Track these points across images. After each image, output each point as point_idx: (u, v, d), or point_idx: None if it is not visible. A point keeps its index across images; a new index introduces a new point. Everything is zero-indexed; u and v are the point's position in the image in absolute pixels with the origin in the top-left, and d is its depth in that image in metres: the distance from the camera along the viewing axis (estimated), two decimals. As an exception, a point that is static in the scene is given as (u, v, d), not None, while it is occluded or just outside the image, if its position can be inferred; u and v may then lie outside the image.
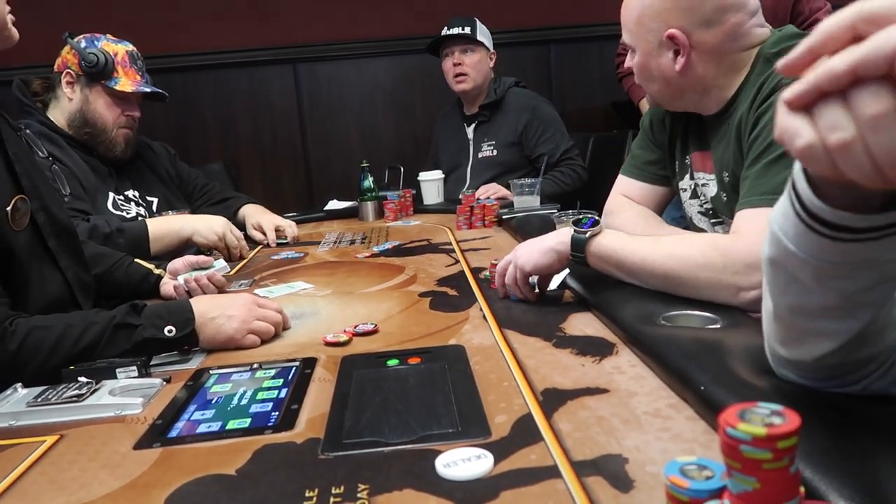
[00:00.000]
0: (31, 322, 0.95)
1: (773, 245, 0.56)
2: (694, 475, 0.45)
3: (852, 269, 0.52)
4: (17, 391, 0.87)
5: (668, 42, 1.12)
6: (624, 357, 0.86)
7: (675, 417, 0.68)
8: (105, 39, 1.84)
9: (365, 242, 1.88)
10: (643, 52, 1.16)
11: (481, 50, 2.56)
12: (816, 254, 0.52)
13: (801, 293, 0.56)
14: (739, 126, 1.09)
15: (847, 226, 0.48)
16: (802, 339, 0.60)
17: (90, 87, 1.80)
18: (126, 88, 1.82)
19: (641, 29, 1.15)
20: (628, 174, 1.44)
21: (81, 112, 1.80)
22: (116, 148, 1.86)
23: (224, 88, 3.43)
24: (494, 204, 2.02)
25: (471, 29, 2.53)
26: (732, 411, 0.41)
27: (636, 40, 1.17)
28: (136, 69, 1.86)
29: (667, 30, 1.10)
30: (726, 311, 0.92)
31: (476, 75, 2.54)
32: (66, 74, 1.80)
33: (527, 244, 1.13)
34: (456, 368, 0.86)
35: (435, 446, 0.65)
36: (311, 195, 3.51)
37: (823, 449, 0.52)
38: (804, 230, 0.51)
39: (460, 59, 2.54)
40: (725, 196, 1.18)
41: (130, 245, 1.60)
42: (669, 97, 1.21)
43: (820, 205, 0.48)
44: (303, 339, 1.05)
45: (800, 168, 0.50)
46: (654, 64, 1.16)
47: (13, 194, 1.05)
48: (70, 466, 0.69)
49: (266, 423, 0.75)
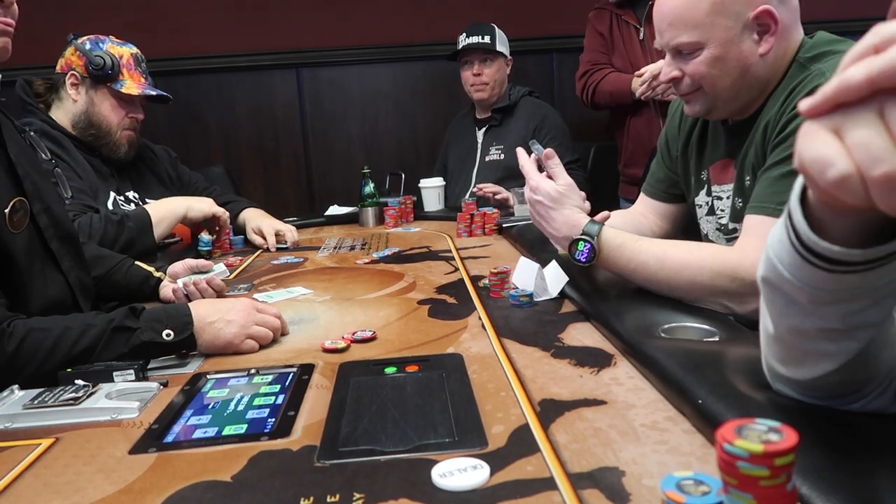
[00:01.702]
0: (28, 324, 0.94)
1: (769, 269, 0.56)
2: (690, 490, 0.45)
3: (848, 296, 0.51)
4: (13, 393, 0.87)
5: (754, 23, 1.06)
6: (622, 368, 0.86)
7: (672, 430, 0.68)
8: (110, 42, 1.85)
9: (365, 248, 1.88)
10: (721, 42, 1.07)
11: (500, 59, 2.57)
12: (811, 283, 0.51)
13: (799, 315, 0.56)
14: (766, 129, 1.08)
15: (844, 260, 0.48)
16: (802, 360, 0.60)
17: (95, 89, 1.81)
18: (132, 91, 1.83)
19: (718, 17, 1.06)
20: (645, 191, 1.47)
21: (86, 114, 1.81)
22: (120, 150, 1.87)
23: (227, 92, 3.43)
24: (495, 212, 2.02)
25: (490, 38, 2.53)
26: (730, 427, 0.41)
27: (710, 32, 1.07)
28: (140, 72, 1.87)
29: (756, 8, 1.05)
30: (724, 324, 0.92)
31: (494, 84, 2.57)
32: (70, 76, 1.80)
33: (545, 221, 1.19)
34: (454, 377, 0.86)
35: (431, 456, 0.65)
36: (312, 200, 3.51)
37: (821, 465, 0.52)
38: (800, 261, 0.50)
39: (480, 69, 2.55)
40: (741, 203, 1.17)
41: (137, 229, 1.65)
42: (733, 95, 1.12)
43: (816, 240, 0.48)
44: (301, 345, 1.05)
45: (797, 198, 0.49)
46: (734, 53, 1.08)
47: (12, 196, 1.05)
48: (65, 470, 0.69)
49: (262, 429, 0.75)
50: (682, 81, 1.14)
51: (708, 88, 1.12)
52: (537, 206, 1.17)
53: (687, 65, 1.12)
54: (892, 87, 0.37)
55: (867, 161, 0.38)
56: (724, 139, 1.22)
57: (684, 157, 1.33)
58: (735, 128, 1.19)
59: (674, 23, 1.09)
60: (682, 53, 1.12)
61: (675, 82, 1.16)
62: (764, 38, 1.08)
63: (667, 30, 1.11)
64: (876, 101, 0.38)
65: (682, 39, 1.09)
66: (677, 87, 1.17)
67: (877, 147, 0.38)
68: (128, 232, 1.63)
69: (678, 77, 1.14)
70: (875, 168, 0.38)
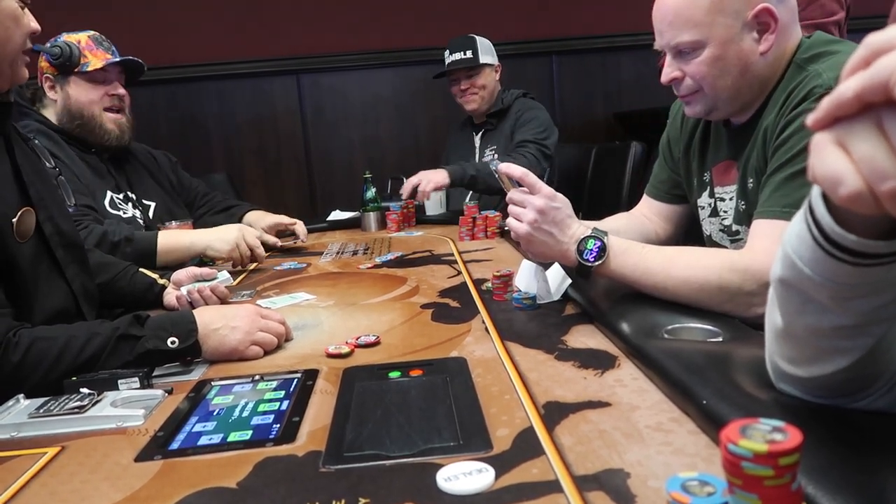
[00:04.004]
0: (34, 333, 0.95)
1: (786, 267, 0.55)
2: (695, 491, 0.45)
3: (871, 290, 0.51)
4: (19, 402, 0.87)
5: (754, 21, 1.07)
6: (626, 370, 0.86)
7: (677, 431, 0.68)
8: (65, 34, 1.85)
9: (367, 253, 1.88)
10: (721, 41, 1.08)
11: (486, 69, 2.60)
12: (834, 277, 0.51)
13: (816, 313, 0.55)
14: (766, 132, 1.08)
15: (870, 252, 0.47)
16: (815, 358, 0.60)
17: (66, 81, 1.83)
18: (97, 66, 1.82)
19: (718, 16, 1.06)
20: (648, 192, 1.47)
21: (66, 107, 1.83)
22: (110, 134, 1.86)
23: (228, 99, 3.45)
24: (497, 215, 2.02)
25: (472, 52, 2.56)
26: (734, 427, 0.41)
27: (710, 31, 1.07)
28: (103, 49, 1.86)
29: (755, 7, 1.06)
30: (728, 325, 0.92)
31: (484, 93, 2.61)
32: (45, 80, 1.83)
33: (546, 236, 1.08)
34: (458, 381, 0.86)
35: (436, 460, 0.65)
36: (314, 205, 3.52)
37: (826, 464, 0.52)
38: (822, 255, 0.50)
39: (467, 84, 2.60)
40: (744, 205, 1.16)
41: (137, 255, 1.60)
42: (734, 95, 1.12)
43: (842, 233, 0.47)
44: (305, 351, 1.05)
45: (818, 194, 0.49)
46: (733, 51, 1.08)
47: (20, 205, 1.06)
48: (71, 478, 0.69)
49: (267, 435, 0.75)
50: (683, 82, 1.14)
51: (708, 89, 1.12)
52: (555, 213, 1.07)
53: (688, 65, 1.12)
54: (881, 102, 0.38)
55: (874, 177, 0.38)
56: (725, 141, 1.22)
57: (686, 158, 1.33)
58: (737, 130, 1.19)
59: (674, 22, 1.10)
60: (683, 53, 1.11)
61: (675, 83, 1.16)
62: (764, 37, 1.08)
63: (667, 30, 1.11)
64: (874, 113, 0.39)
65: (682, 39, 1.09)
66: (677, 89, 1.16)
67: (881, 163, 0.38)
68: (122, 256, 1.57)
69: (678, 78, 1.14)
70: (882, 184, 0.38)
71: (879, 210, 0.40)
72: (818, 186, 0.48)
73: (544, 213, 1.06)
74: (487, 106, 2.64)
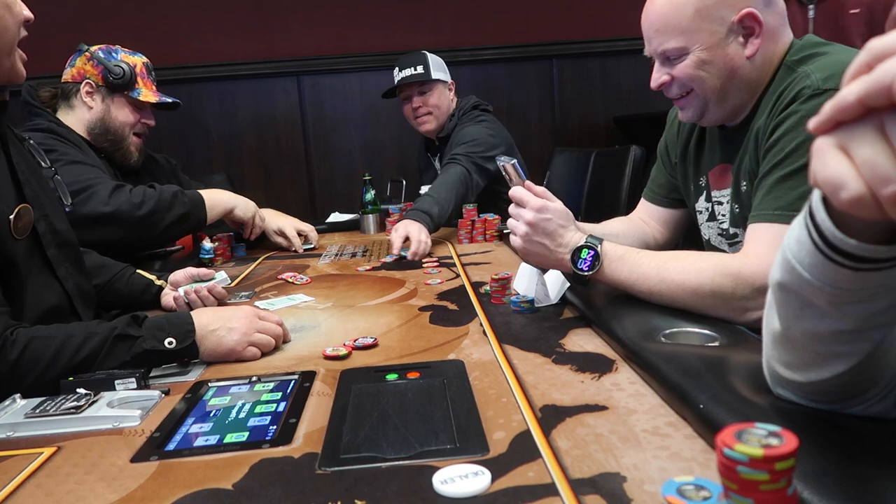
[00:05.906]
0: (31, 332, 0.94)
1: (785, 271, 0.55)
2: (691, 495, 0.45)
3: (870, 295, 0.51)
4: (15, 402, 0.87)
5: (739, 26, 1.08)
6: (623, 374, 0.86)
7: (673, 436, 0.68)
8: (122, 52, 1.89)
9: (366, 255, 1.88)
10: (707, 46, 1.10)
11: (438, 85, 2.43)
12: (833, 282, 0.51)
13: (815, 317, 0.55)
14: (757, 134, 1.09)
15: (870, 257, 0.47)
16: (813, 363, 0.60)
17: (112, 97, 1.85)
18: (149, 99, 1.89)
19: (703, 21, 1.09)
20: (645, 197, 1.48)
21: (103, 121, 1.85)
22: (133, 156, 1.93)
23: (228, 100, 3.45)
24: (496, 218, 2.02)
25: (423, 67, 2.39)
26: (730, 432, 0.41)
27: (694, 37, 1.10)
28: (151, 80, 1.94)
29: (739, 12, 1.07)
30: (726, 329, 0.92)
31: (438, 113, 2.44)
32: (85, 84, 1.83)
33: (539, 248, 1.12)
34: (455, 384, 0.86)
35: (432, 462, 0.65)
36: (313, 207, 3.52)
37: (822, 470, 0.52)
38: (822, 260, 0.50)
39: (419, 101, 2.42)
40: (738, 208, 1.17)
41: (191, 205, 1.78)
42: (723, 97, 1.13)
43: (842, 237, 0.47)
44: (302, 353, 1.05)
45: (819, 198, 0.49)
46: (720, 55, 1.10)
47: (17, 203, 1.06)
48: (67, 479, 0.69)
49: (264, 436, 0.75)
50: (672, 85, 1.16)
51: (698, 90, 1.14)
52: (545, 224, 1.10)
53: (674, 69, 1.14)
54: (884, 106, 0.38)
55: (876, 181, 0.39)
56: (720, 145, 1.23)
57: (683, 163, 1.34)
58: (729, 133, 1.20)
59: (661, 29, 1.12)
60: (670, 59, 1.14)
61: (665, 87, 1.18)
62: (749, 41, 1.10)
63: (654, 36, 1.14)
64: (876, 117, 0.39)
65: (668, 45, 1.12)
66: (668, 92, 1.19)
67: (882, 167, 0.38)
68: (181, 206, 1.75)
69: (667, 81, 1.16)
70: (884, 188, 0.38)
71: (881, 214, 0.40)
72: (818, 191, 0.49)
73: (534, 225, 1.11)
74: (441, 126, 2.46)
